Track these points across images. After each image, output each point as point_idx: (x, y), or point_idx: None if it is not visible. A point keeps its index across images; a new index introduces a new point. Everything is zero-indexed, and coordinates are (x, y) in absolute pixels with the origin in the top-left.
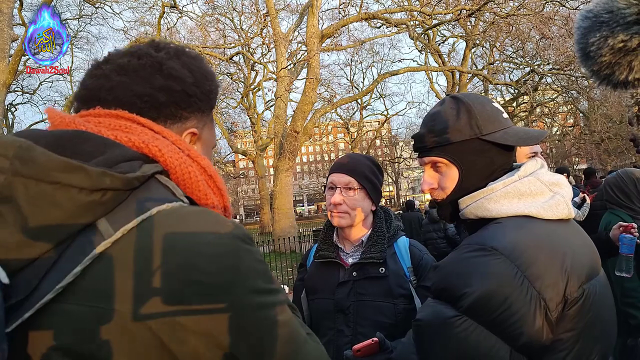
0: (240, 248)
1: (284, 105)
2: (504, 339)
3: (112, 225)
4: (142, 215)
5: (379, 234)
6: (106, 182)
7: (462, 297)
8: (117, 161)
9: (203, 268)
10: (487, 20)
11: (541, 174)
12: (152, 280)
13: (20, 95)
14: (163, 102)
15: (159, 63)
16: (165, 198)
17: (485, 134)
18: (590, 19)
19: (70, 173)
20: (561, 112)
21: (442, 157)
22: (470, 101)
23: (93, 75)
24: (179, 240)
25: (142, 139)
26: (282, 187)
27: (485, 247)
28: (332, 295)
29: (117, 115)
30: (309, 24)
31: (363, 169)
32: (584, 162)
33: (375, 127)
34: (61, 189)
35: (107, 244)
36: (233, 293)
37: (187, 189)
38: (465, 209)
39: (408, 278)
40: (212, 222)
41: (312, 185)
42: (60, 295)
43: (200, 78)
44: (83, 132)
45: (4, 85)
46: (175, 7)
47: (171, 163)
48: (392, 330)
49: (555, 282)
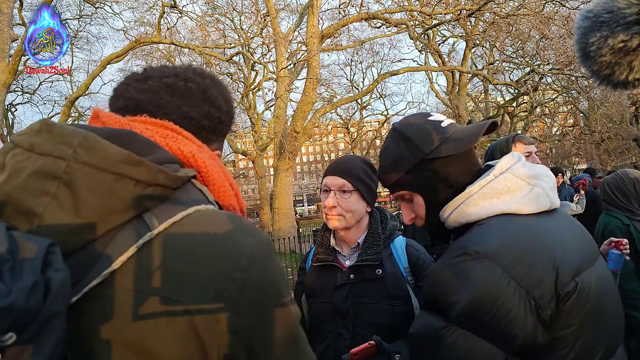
0: (271, 254)
1: (284, 105)
2: (498, 345)
3: (157, 219)
4: (184, 211)
5: (375, 235)
6: (160, 178)
7: (450, 306)
8: (162, 162)
9: (243, 266)
10: (487, 20)
11: (517, 169)
12: (193, 273)
13: (20, 95)
14: (203, 127)
15: (204, 90)
16: (202, 200)
17: (427, 152)
18: (590, 19)
19: (133, 166)
20: (561, 112)
21: (401, 190)
22: (404, 128)
23: (138, 89)
24: (220, 238)
25: (190, 149)
26: (282, 187)
27: (468, 251)
28: (330, 298)
29: (164, 125)
30: (309, 24)
31: (357, 171)
32: (584, 162)
33: (375, 127)
34: (121, 180)
35: (151, 235)
36: (262, 292)
37: (220, 201)
38: (448, 219)
39: (405, 279)
40: (248, 226)
41: (312, 185)
42: (106, 281)
43: (229, 106)
44: (132, 132)
45: (4, 85)
46: (175, 7)
47: (212, 176)
48: (390, 332)
49: (544, 278)
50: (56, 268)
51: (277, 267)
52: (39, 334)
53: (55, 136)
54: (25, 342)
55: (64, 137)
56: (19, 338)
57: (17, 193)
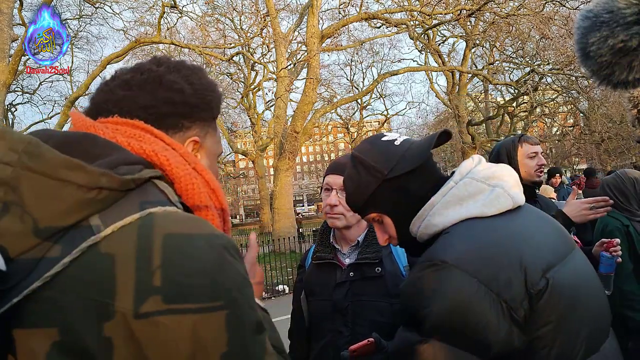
0: (225, 258)
1: (284, 105)
2: (475, 353)
3: (103, 222)
4: (134, 214)
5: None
6: (102, 181)
7: (424, 320)
8: (118, 163)
9: (187, 270)
10: (487, 20)
11: (476, 172)
12: (136, 277)
13: (20, 95)
14: (165, 113)
15: (159, 77)
16: (160, 201)
17: (386, 174)
18: (591, 19)
19: (71, 170)
20: (561, 112)
21: (369, 213)
22: (361, 153)
23: (100, 91)
24: (168, 241)
25: (153, 148)
26: (282, 187)
27: (434, 261)
28: (330, 296)
29: (134, 125)
30: (309, 24)
31: None
32: (584, 162)
33: (375, 127)
34: (62, 184)
35: (95, 239)
36: (208, 298)
37: (189, 200)
38: (417, 232)
39: (405, 277)
40: (203, 229)
41: (312, 185)
42: (48, 284)
43: (200, 89)
44: (92, 135)
45: (4, 85)
46: (176, 7)
47: (177, 173)
48: (390, 330)
49: (512, 279)
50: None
51: (228, 273)
52: None
53: (6, 142)
54: None
55: (12, 143)
56: None
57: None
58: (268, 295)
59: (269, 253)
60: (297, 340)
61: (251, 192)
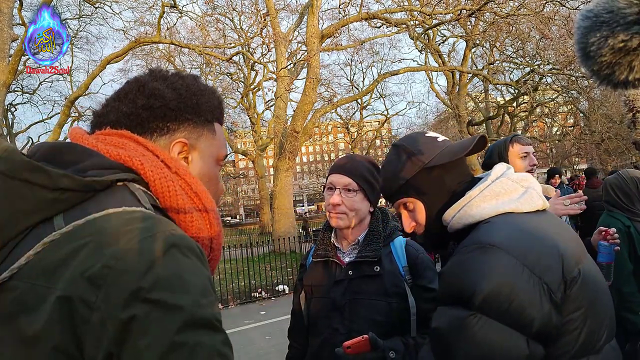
0: (168, 252)
1: (284, 105)
2: (519, 329)
3: (65, 220)
4: (94, 214)
5: (375, 233)
6: (64, 183)
7: (472, 296)
8: (89, 168)
9: (121, 258)
10: (487, 20)
11: (510, 174)
12: (77, 270)
13: (20, 95)
14: (145, 118)
15: (142, 85)
16: (124, 203)
17: (426, 162)
18: (591, 19)
19: (34, 172)
20: (561, 112)
21: (403, 197)
22: (405, 142)
23: (101, 105)
24: (111, 237)
25: (129, 153)
26: (282, 187)
27: (482, 245)
28: (328, 294)
29: (121, 135)
30: (309, 24)
31: (362, 171)
32: (584, 162)
33: (375, 127)
34: (26, 185)
35: (56, 234)
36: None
37: (165, 202)
38: (451, 221)
39: (403, 277)
40: (154, 225)
41: (312, 185)
42: (15, 275)
43: (185, 94)
44: (72, 144)
45: (4, 85)
46: (175, 7)
47: (151, 176)
48: (386, 328)
49: (552, 265)
50: None
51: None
52: None
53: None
54: None
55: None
56: None
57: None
58: (268, 295)
59: (269, 253)
60: (296, 338)
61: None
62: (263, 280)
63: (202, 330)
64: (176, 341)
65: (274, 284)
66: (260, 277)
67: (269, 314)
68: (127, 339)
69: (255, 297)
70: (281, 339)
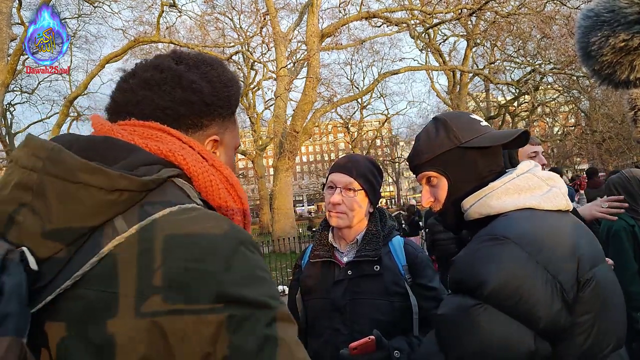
0: (238, 250)
1: (284, 104)
2: (526, 323)
3: (127, 223)
4: (155, 214)
5: (374, 232)
6: (123, 184)
7: (481, 285)
8: (137, 165)
9: (205, 260)
10: (488, 19)
11: (536, 171)
12: (153, 275)
13: (19, 95)
14: (183, 114)
15: (178, 77)
16: (178, 200)
17: (463, 141)
18: (592, 18)
19: (91, 174)
20: (562, 112)
21: (430, 170)
22: (447, 117)
23: (121, 89)
24: (182, 238)
25: (169, 147)
26: (281, 187)
27: (497, 236)
28: (328, 294)
29: (150, 126)
30: (309, 23)
31: (364, 170)
32: (585, 162)
33: (376, 126)
34: (83, 188)
35: (120, 239)
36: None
37: (208, 196)
38: (469, 209)
39: (403, 276)
40: (218, 223)
41: (312, 185)
42: (77, 282)
43: (218, 86)
44: (111, 138)
45: (3, 84)
46: (175, 6)
47: (194, 171)
48: (389, 327)
49: (567, 265)
50: (9, 273)
51: (244, 265)
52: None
53: (30, 149)
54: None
55: (36, 150)
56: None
57: (4, 204)
58: None
59: (269, 253)
60: None
61: (251, 192)
62: None
63: (284, 323)
64: (267, 335)
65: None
66: None
67: None
68: (221, 338)
69: None
70: None
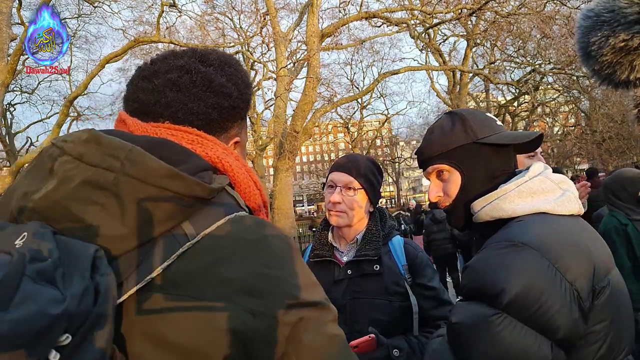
0: (296, 257)
1: (284, 104)
2: (544, 333)
3: (195, 229)
4: (218, 221)
5: (374, 232)
6: (197, 191)
7: (500, 294)
8: (197, 170)
9: (274, 266)
10: (488, 19)
11: (549, 174)
12: (226, 280)
13: (19, 95)
14: (214, 119)
15: (209, 80)
16: (234, 208)
17: (480, 137)
18: (592, 18)
19: (172, 180)
20: (562, 112)
21: (443, 163)
22: (463, 112)
23: (144, 89)
24: (248, 244)
25: (216, 154)
26: (281, 187)
27: (515, 243)
28: (328, 294)
29: (187, 131)
30: (308, 23)
31: (364, 170)
32: (585, 162)
33: (376, 126)
34: (163, 192)
35: (190, 244)
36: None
37: (247, 201)
38: (480, 212)
39: (403, 276)
40: (275, 231)
41: (312, 185)
42: (148, 285)
43: (243, 89)
44: (169, 141)
45: (3, 85)
46: (175, 6)
47: (238, 178)
48: (388, 327)
49: (584, 272)
50: (102, 272)
51: (303, 269)
52: (90, 334)
53: (103, 148)
54: (78, 342)
55: (112, 150)
56: (73, 339)
57: (67, 201)
58: None
59: None
60: None
61: None
62: None
63: (336, 322)
64: (331, 333)
65: None
66: None
67: None
68: (295, 338)
69: None
70: None
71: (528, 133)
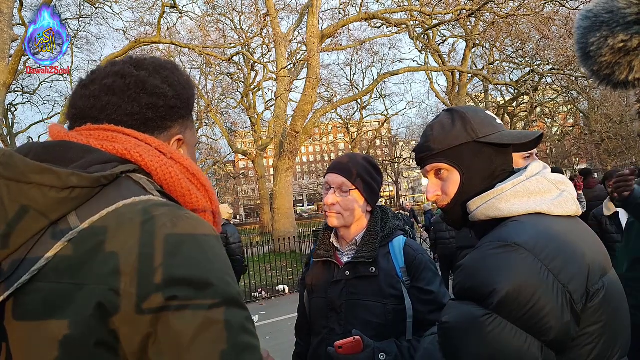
0: (191, 237)
1: (284, 105)
2: (535, 334)
3: (80, 218)
4: (107, 208)
5: (372, 233)
6: (73, 181)
7: (491, 294)
8: (92, 164)
9: (152, 246)
10: (487, 20)
11: (547, 174)
12: (105, 264)
13: (20, 95)
14: (150, 118)
15: (142, 82)
16: (134, 193)
17: (480, 136)
18: (590, 19)
19: (41, 174)
20: (561, 112)
21: (442, 162)
22: (464, 110)
23: (82, 96)
24: (134, 229)
25: (125, 146)
26: (282, 187)
27: (509, 243)
28: (326, 294)
29: (105, 129)
30: (309, 24)
31: (358, 170)
32: (584, 162)
33: (375, 127)
34: (36, 188)
35: (74, 233)
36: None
37: (170, 188)
38: (475, 211)
39: (400, 278)
40: (171, 212)
41: (312, 185)
42: (35, 277)
43: (179, 89)
44: (66, 142)
45: (4, 85)
46: (175, 7)
47: (152, 166)
48: (381, 330)
49: (578, 275)
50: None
51: (196, 249)
52: None
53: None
54: None
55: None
56: None
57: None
58: (268, 295)
59: (269, 253)
60: (301, 335)
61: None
62: (263, 280)
63: (230, 307)
64: (208, 318)
65: (274, 284)
66: (260, 277)
67: (269, 314)
68: (162, 319)
69: (256, 297)
70: (281, 338)
71: (529, 133)
